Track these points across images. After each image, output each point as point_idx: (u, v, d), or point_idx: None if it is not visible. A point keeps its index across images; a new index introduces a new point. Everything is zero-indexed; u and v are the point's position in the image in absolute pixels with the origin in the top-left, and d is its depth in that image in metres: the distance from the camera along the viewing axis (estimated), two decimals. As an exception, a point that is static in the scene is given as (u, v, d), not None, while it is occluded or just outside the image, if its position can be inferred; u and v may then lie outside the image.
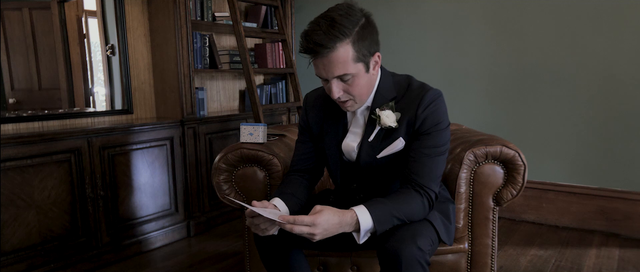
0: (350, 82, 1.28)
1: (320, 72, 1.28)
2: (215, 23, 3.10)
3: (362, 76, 1.29)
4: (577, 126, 2.81)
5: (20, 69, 2.45)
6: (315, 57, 1.25)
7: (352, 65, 1.25)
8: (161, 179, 2.74)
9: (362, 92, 1.31)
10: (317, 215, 1.16)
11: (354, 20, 1.24)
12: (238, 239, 2.81)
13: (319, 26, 1.22)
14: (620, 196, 2.71)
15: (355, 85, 1.29)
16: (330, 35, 1.21)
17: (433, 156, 1.32)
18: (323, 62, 1.25)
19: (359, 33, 1.24)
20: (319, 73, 1.29)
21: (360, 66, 1.27)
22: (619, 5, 2.61)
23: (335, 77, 1.27)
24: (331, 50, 1.22)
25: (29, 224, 2.21)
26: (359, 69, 1.27)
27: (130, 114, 2.90)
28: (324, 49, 1.22)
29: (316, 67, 1.28)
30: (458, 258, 1.61)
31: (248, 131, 1.72)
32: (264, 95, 3.54)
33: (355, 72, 1.26)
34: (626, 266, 2.31)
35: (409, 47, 3.32)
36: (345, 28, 1.22)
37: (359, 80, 1.28)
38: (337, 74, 1.26)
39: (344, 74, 1.26)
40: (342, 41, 1.22)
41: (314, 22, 1.25)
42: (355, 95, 1.31)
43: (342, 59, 1.23)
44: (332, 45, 1.21)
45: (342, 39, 1.22)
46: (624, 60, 2.64)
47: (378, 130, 1.37)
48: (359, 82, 1.29)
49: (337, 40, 1.21)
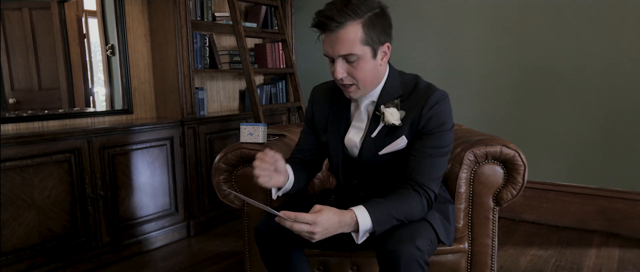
0: (355, 64, 1.28)
1: (327, 49, 1.29)
2: (215, 23, 3.10)
3: (368, 61, 1.29)
4: (577, 126, 2.81)
5: (20, 69, 2.45)
6: (324, 31, 1.26)
7: (359, 46, 1.26)
8: (161, 179, 2.74)
9: (366, 77, 1.31)
10: (317, 214, 1.17)
11: (369, 6, 1.26)
12: (238, 239, 2.81)
13: (333, 5, 1.25)
14: (620, 196, 2.71)
15: (360, 68, 1.29)
16: (343, 12, 1.23)
17: (435, 156, 1.32)
18: (331, 38, 1.26)
19: (372, 18, 1.26)
20: (326, 51, 1.29)
21: (367, 50, 1.27)
22: (619, 5, 2.61)
23: (340, 55, 1.27)
24: (340, 25, 1.23)
25: (29, 224, 2.21)
26: (366, 52, 1.27)
27: (130, 114, 2.90)
28: (334, 23, 1.23)
29: (324, 44, 1.29)
30: (458, 258, 1.61)
31: (248, 131, 1.72)
32: (264, 95, 3.54)
33: (362, 54, 1.27)
34: (626, 266, 2.31)
35: (408, 46, 3.32)
36: (358, 9, 1.24)
37: (364, 64, 1.28)
38: (343, 52, 1.26)
39: (350, 54, 1.26)
40: (353, 20, 1.24)
41: (330, 2, 1.27)
42: (359, 80, 1.31)
43: (350, 38, 1.24)
44: (342, 20, 1.23)
45: (354, 18, 1.24)
46: (624, 60, 2.64)
47: (381, 127, 1.37)
48: (364, 66, 1.29)
49: (349, 18, 1.23)
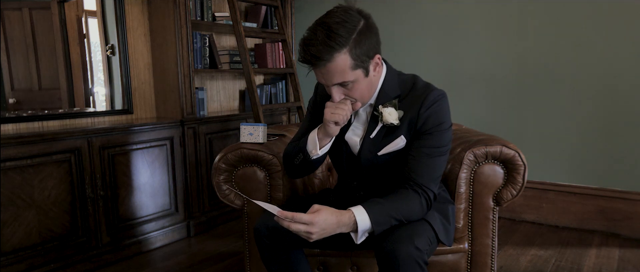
0: (350, 87, 1.29)
1: (320, 79, 1.30)
2: (215, 23, 3.10)
3: (362, 81, 1.30)
4: (577, 126, 2.81)
5: (20, 69, 2.45)
6: (314, 67, 1.27)
7: (350, 73, 1.26)
8: (161, 179, 2.74)
9: (363, 94, 1.33)
10: (315, 214, 1.17)
11: (350, 27, 1.23)
12: (238, 239, 2.81)
13: (315, 36, 1.22)
14: (620, 196, 2.71)
15: (356, 89, 1.30)
16: (327, 47, 1.21)
17: (434, 156, 1.33)
18: (322, 72, 1.27)
19: (357, 40, 1.23)
20: (319, 80, 1.31)
21: (359, 72, 1.28)
22: (619, 5, 2.61)
23: (334, 84, 1.28)
24: (328, 61, 1.23)
25: (29, 224, 2.21)
26: (358, 75, 1.28)
27: (130, 114, 2.90)
28: (321, 61, 1.23)
29: (316, 74, 1.30)
30: (458, 258, 1.61)
31: (248, 131, 1.72)
32: (264, 95, 3.54)
33: (354, 78, 1.27)
34: (626, 266, 2.31)
35: (408, 46, 3.32)
36: (341, 37, 1.21)
37: (358, 85, 1.30)
38: (336, 82, 1.27)
39: (343, 81, 1.27)
40: (340, 51, 1.22)
41: (311, 29, 1.24)
42: (357, 98, 1.33)
43: (340, 69, 1.24)
44: (328, 57, 1.22)
45: (339, 49, 1.22)
46: (624, 60, 2.63)
47: (380, 128, 1.37)
48: (358, 86, 1.30)
49: (334, 51, 1.21)
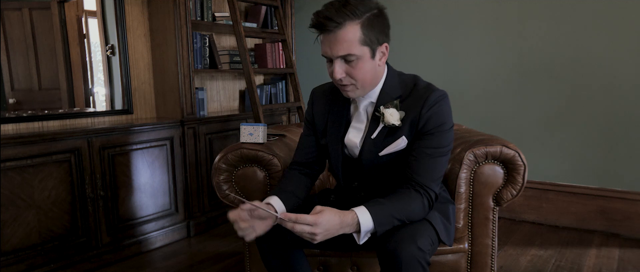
0: (353, 64, 1.27)
1: (326, 50, 1.28)
2: (215, 23, 3.10)
3: (367, 61, 1.29)
4: (577, 126, 2.81)
5: (20, 69, 2.45)
6: (323, 32, 1.26)
7: (357, 46, 1.25)
8: (161, 179, 2.74)
9: (365, 77, 1.31)
10: (318, 215, 1.16)
11: (367, 6, 1.26)
12: (238, 239, 2.81)
13: (332, 5, 1.25)
14: (620, 196, 2.71)
15: (359, 68, 1.28)
16: (341, 13, 1.23)
17: (435, 156, 1.32)
18: (329, 39, 1.26)
19: (370, 19, 1.26)
20: (324, 51, 1.29)
21: (366, 50, 1.27)
22: (619, 5, 2.61)
23: (339, 56, 1.27)
24: (339, 26, 1.23)
25: (29, 224, 2.21)
26: (364, 53, 1.27)
27: (130, 114, 2.90)
28: (332, 23, 1.23)
29: (322, 45, 1.29)
30: (458, 258, 1.61)
31: (248, 131, 1.72)
32: (264, 96, 3.54)
33: (360, 54, 1.27)
34: (626, 266, 2.31)
35: (408, 46, 3.32)
36: (357, 9, 1.24)
37: (362, 64, 1.28)
38: (341, 53, 1.26)
39: (349, 54, 1.26)
40: (352, 20, 1.24)
41: (328, 3, 1.27)
42: (358, 80, 1.30)
43: (349, 38, 1.24)
44: (340, 21, 1.23)
45: (352, 18, 1.24)
46: (624, 59, 2.64)
47: (381, 128, 1.37)
48: (362, 66, 1.28)
49: (347, 18, 1.23)
